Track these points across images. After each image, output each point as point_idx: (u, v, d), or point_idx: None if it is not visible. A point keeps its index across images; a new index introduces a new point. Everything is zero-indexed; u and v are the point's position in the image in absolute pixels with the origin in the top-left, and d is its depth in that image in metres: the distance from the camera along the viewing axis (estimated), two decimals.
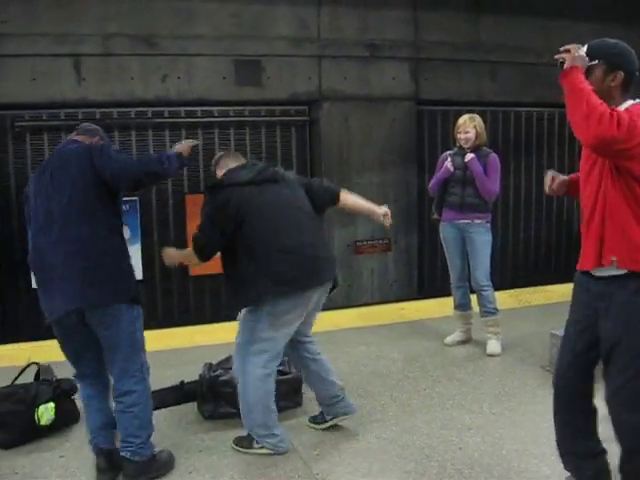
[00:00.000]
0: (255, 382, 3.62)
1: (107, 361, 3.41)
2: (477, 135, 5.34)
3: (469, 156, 5.29)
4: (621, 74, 2.74)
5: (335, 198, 3.91)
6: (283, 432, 3.76)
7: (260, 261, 3.53)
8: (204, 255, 3.70)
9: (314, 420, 4.06)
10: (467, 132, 5.31)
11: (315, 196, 3.83)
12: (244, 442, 3.77)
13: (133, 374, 3.38)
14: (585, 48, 2.78)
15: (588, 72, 2.74)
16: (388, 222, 3.97)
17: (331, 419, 4.00)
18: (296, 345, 3.87)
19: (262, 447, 3.71)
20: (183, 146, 3.67)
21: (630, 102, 2.76)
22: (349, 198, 3.95)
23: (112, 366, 3.40)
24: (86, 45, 6.93)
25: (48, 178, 3.31)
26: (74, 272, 3.20)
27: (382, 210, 3.96)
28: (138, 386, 3.40)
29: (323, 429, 4.01)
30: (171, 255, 3.84)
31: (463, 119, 5.40)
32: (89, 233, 3.23)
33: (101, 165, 3.24)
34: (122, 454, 3.38)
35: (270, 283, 3.50)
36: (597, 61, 2.74)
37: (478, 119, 5.42)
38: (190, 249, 3.73)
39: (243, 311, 3.73)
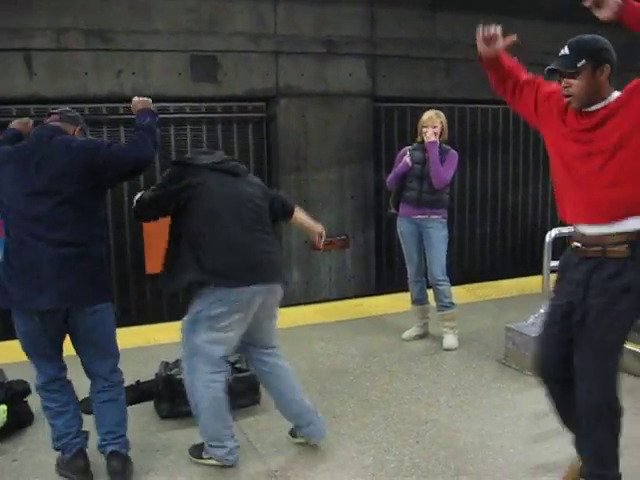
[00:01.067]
0: (202, 390, 3.52)
1: (94, 358, 3.43)
2: (442, 131, 5.40)
3: (431, 138, 5.31)
4: (607, 67, 2.80)
5: (290, 214, 3.99)
6: (233, 444, 3.60)
7: (198, 249, 3.43)
8: (137, 213, 3.71)
9: (290, 432, 3.89)
10: (435, 127, 5.36)
11: (273, 208, 3.79)
12: (195, 451, 3.69)
13: (118, 367, 3.53)
14: (566, 49, 2.84)
15: (577, 74, 2.79)
16: (320, 242, 4.08)
17: (302, 437, 3.84)
18: (251, 356, 3.79)
19: (210, 458, 3.61)
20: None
21: (616, 93, 2.83)
22: (299, 216, 4.04)
23: (102, 361, 3.45)
24: (38, 39, 6.79)
25: (33, 169, 3.19)
26: (66, 271, 3.19)
27: (319, 229, 4.08)
28: (122, 377, 3.56)
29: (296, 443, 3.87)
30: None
31: (429, 115, 5.43)
32: (82, 234, 3.24)
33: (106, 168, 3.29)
34: (111, 449, 3.39)
35: (200, 272, 3.42)
36: (584, 61, 2.78)
37: (443, 115, 5.48)
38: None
39: (184, 318, 3.62)
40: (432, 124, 5.36)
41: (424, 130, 5.38)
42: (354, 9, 7.94)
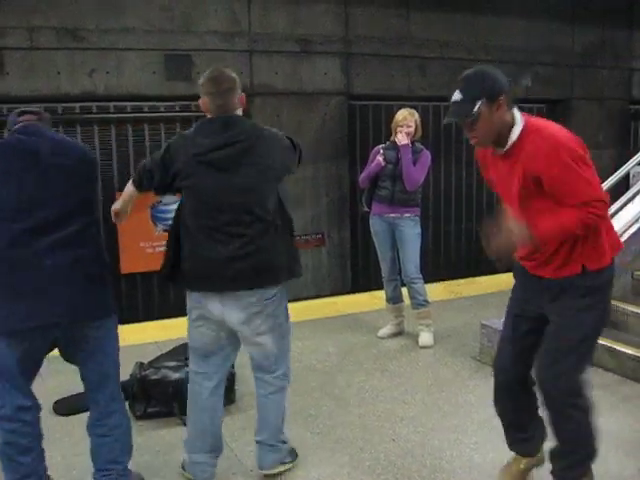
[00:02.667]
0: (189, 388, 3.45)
1: (90, 385, 3.12)
2: (416, 129, 5.41)
3: (403, 141, 5.32)
4: (502, 98, 2.69)
5: None
6: (207, 461, 3.39)
7: (185, 242, 3.20)
8: (136, 179, 3.28)
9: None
10: (409, 126, 5.36)
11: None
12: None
13: (118, 394, 3.19)
14: (457, 95, 2.74)
15: (476, 119, 2.69)
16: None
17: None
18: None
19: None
20: None
21: (518, 116, 2.76)
22: None
23: (99, 389, 3.11)
24: (9, 38, 6.72)
25: (42, 171, 2.86)
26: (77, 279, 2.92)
27: None
28: (119, 404, 3.19)
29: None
30: None
31: (403, 114, 5.42)
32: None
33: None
34: None
35: (180, 271, 3.23)
36: (479, 103, 2.67)
37: (417, 114, 5.48)
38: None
39: None
40: (406, 124, 5.36)
41: (398, 130, 5.38)
42: (328, 7, 7.95)
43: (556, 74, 9.31)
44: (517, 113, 2.77)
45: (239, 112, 3.21)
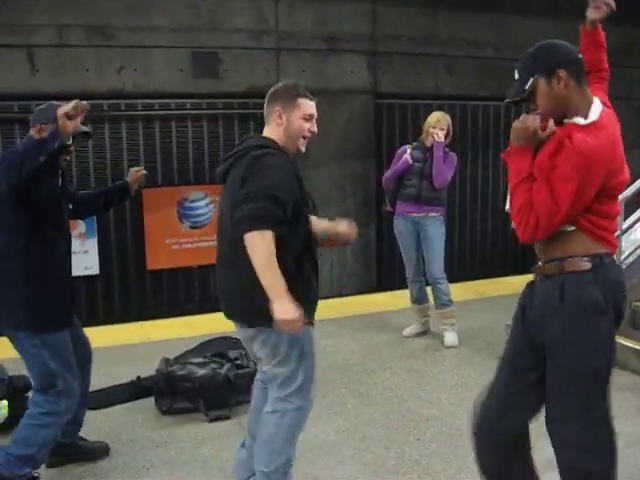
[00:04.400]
0: None
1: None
2: (447, 134, 5.42)
3: (439, 138, 5.31)
4: (562, 72, 2.42)
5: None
6: None
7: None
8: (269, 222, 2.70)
9: None
10: (443, 129, 5.37)
11: None
12: None
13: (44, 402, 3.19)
14: (515, 73, 2.56)
15: (533, 97, 2.49)
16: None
17: None
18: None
19: None
20: (65, 106, 2.82)
21: (598, 104, 2.52)
22: (318, 225, 3.11)
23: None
24: (40, 36, 6.80)
25: None
26: None
27: (342, 227, 3.22)
28: (35, 408, 3.19)
29: None
30: None
31: (437, 116, 5.44)
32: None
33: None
34: None
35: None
36: (531, 80, 2.47)
37: (449, 119, 5.50)
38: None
39: None
40: (440, 126, 5.37)
41: (432, 131, 5.37)
42: (355, 6, 7.93)
43: None
44: (596, 103, 2.52)
45: (272, 126, 2.93)
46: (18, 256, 3.07)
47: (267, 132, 2.93)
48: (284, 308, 2.54)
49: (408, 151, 5.44)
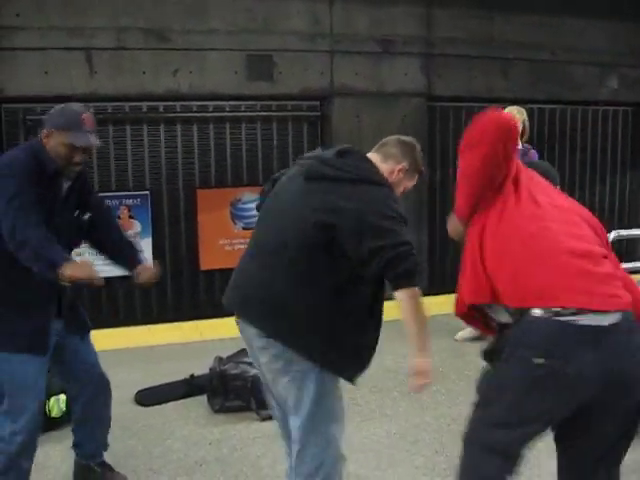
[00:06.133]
0: None
1: None
2: (523, 130, 5.19)
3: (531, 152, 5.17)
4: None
5: None
6: None
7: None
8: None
9: None
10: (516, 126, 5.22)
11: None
12: None
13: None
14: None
15: None
16: None
17: None
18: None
19: None
20: (78, 272, 2.76)
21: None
22: None
23: None
24: (98, 38, 6.92)
25: None
26: None
27: None
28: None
29: None
30: None
31: (510, 111, 5.13)
32: None
33: None
34: None
35: None
36: None
37: (525, 114, 5.23)
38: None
39: None
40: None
41: None
42: (410, 9, 7.89)
43: None
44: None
45: (388, 165, 2.87)
46: None
47: (379, 163, 2.81)
48: (426, 360, 2.60)
49: None
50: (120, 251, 3.35)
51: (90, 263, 2.85)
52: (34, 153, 2.94)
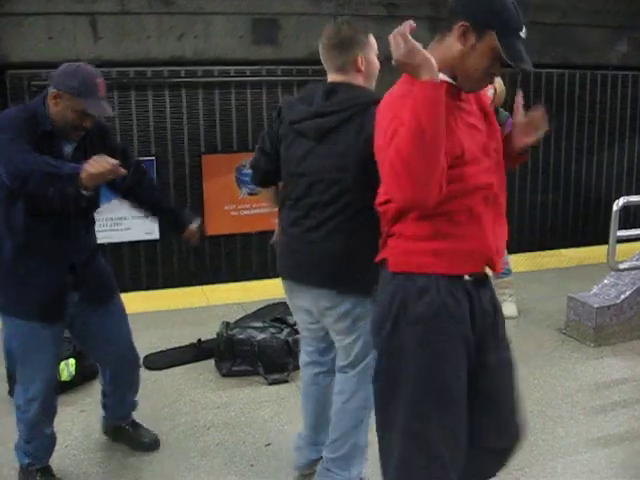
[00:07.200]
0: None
1: None
2: (494, 96, 5.22)
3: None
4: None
5: None
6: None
7: None
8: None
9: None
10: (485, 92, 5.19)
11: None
12: None
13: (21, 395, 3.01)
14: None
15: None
16: None
17: None
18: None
19: None
20: (95, 166, 2.52)
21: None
22: None
23: None
24: (103, 3, 6.88)
25: None
26: None
27: None
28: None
29: None
30: None
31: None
32: None
33: None
34: None
35: None
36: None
37: (498, 79, 5.28)
38: None
39: None
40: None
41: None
42: None
43: None
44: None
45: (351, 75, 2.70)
46: None
47: (350, 80, 2.68)
48: None
49: None
50: (162, 211, 3.28)
51: (101, 156, 2.54)
52: (29, 111, 2.73)
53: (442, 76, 1.94)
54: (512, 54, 2.00)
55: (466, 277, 2.11)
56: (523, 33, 2.05)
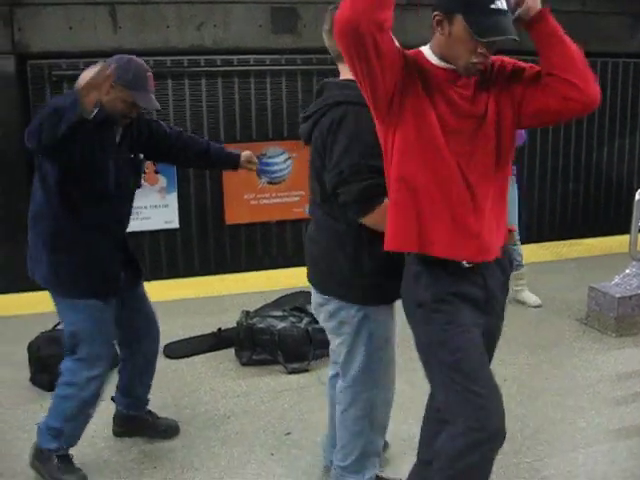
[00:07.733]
0: None
1: None
2: None
3: None
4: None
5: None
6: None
7: None
8: None
9: None
10: None
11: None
12: None
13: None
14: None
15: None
16: None
17: None
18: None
19: None
20: (84, 78, 2.53)
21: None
22: None
23: None
24: None
25: None
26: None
27: None
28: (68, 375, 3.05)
29: None
30: None
31: None
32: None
33: None
34: None
35: None
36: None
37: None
38: None
39: None
40: None
41: None
42: None
43: None
44: None
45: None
46: (46, 219, 2.88)
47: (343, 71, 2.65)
48: None
49: None
50: (210, 157, 3.37)
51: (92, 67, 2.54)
52: None
53: (439, 62, 2.16)
54: (478, 30, 2.03)
55: None
56: (499, 4, 2.05)
